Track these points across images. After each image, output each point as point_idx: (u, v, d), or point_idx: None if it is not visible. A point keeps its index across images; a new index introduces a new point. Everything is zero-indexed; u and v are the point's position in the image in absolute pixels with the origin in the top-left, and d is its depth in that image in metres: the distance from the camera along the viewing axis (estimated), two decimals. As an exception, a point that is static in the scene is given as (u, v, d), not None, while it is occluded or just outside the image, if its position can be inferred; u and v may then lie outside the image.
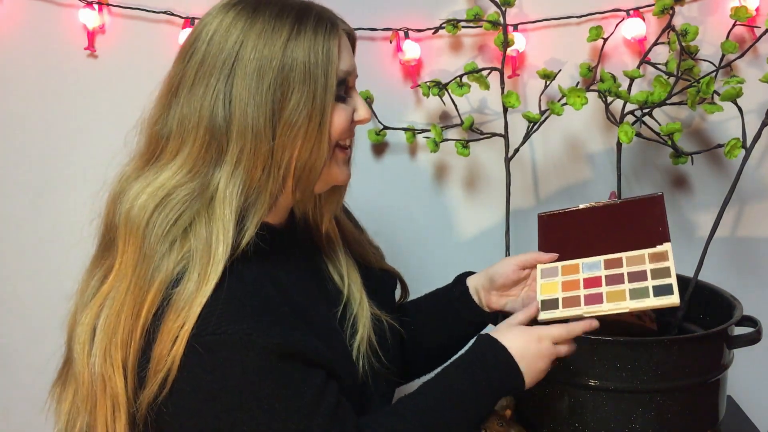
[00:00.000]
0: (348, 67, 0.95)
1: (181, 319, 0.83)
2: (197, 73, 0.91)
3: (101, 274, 0.94)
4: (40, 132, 1.51)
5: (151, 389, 0.84)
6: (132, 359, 0.86)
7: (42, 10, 1.47)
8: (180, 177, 0.90)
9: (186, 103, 0.91)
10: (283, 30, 0.90)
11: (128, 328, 0.86)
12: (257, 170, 0.90)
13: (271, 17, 0.91)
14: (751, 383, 1.47)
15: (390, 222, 1.53)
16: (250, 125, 0.89)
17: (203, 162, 0.90)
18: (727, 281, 1.28)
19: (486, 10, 1.38)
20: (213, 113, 0.89)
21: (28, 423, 1.58)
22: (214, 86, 0.90)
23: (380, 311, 1.07)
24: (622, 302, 1.02)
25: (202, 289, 0.84)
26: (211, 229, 0.88)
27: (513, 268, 1.13)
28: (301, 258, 1.03)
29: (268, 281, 0.91)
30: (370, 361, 1.01)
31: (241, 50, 0.90)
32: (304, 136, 0.91)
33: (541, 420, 1.09)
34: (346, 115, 0.95)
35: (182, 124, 0.91)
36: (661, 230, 1.08)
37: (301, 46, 0.90)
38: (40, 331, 1.53)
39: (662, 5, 1.31)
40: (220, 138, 0.90)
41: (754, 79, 1.25)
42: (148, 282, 0.86)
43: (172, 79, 0.94)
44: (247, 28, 0.90)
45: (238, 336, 0.83)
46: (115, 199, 0.93)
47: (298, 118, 0.90)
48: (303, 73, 0.90)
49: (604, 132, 1.49)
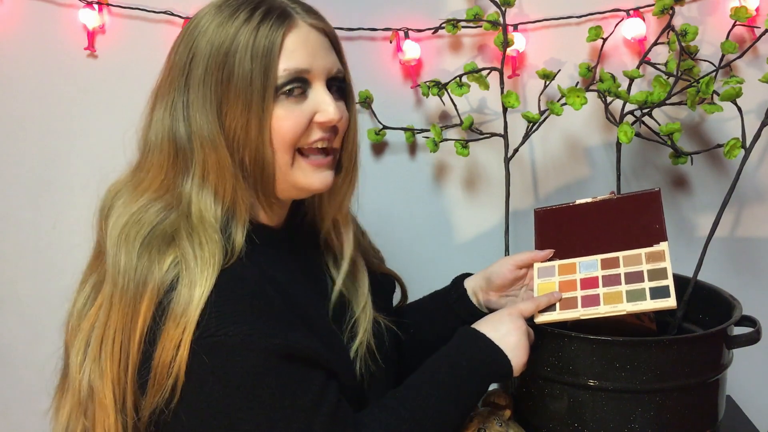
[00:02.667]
0: (301, 64, 0.90)
1: (181, 325, 0.83)
2: (167, 84, 0.92)
3: (95, 280, 0.94)
4: (40, 132, 1.51)
5: (155, 397, 0.84)
6: (131, 369, 0.86)
7: (42, 10, 1.47)
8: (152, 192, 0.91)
9: (158, 116, 0.92)
10: (228, 32, 0.89)
11: (121, 340, 0.86)
12: (223, 177, 0.90)
13: (224, 19, 0.89)
14: (750, 383, 1.47)
15: (390, 222, 1.53)
16: (205, 135, 0.89)
17: (174, 174, 0.91)
18: (726, 281, 1.27)
19: (486, 10, 1.38)
20: (174, 126, 0.90)
21: (28, 423, 1.58)
22: (173, 99, 0.91)
23: (379, 314, 1.06)
24: (619, 305, 1.02)
25: (197, 294, 0.84)
26: (193, 240, 0.87)
27: (510, 268, 1.13)
28: (302, 260, 1.03)
29: (268, 282, 0.91)
30: (367, 363, 1.01)
31: (193, 59, 0.90)
32: (246, 143, 0.89)
33: (540, 420, 1.09)
34: (300, 116, 0.91)
35: (156, 138, 0.92)
36: (658, 227, 1.08)
37: (242, 47, 0.88)
38: (40, 331, 1.53)
39: (662, 5, 1.31)
40: (184, 150, 0.90)
41: (754, 79, 1.25)
42: (135, 294, 0.86)
43: (155, 89, 0.95)
44: (199, 35, 0.90)
45: (239, 337, 0.83)
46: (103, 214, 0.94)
47: (237, 124, 0.89)
48: (241, 76, 0.88)
49: (604, 132, 1.49)
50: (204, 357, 0.83)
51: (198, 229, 0.88)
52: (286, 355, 0.86)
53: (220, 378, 0.83)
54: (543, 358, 1.06)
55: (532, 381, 1.09)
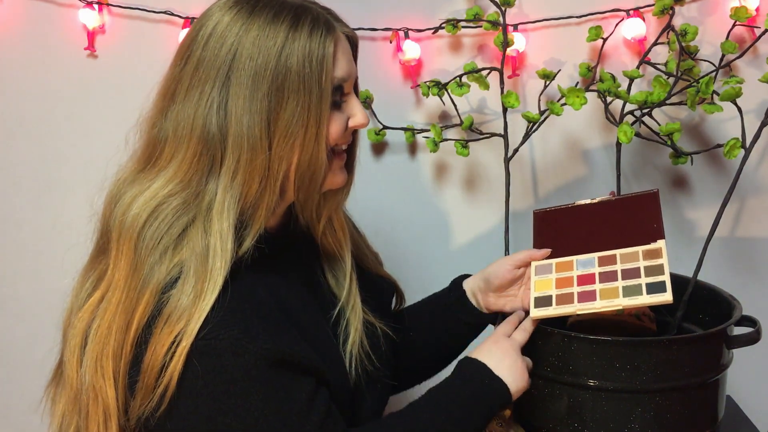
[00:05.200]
0: (344, 73, 0.93)
1: (176, 331, 0.82)
2: (192, 79, 0.90)
3: (95, 277, 0.93)
4: (40, 132, 1.51)
5: (145, 399, 0.83)
6: (123, 369, 0.85)
7: (42, 10, 1.47)
8: (172, 186, 0.89)
9: (181, 108, 0.90)
10: (277, 36, 0.88)
11: (119, 339, 0.86)
12: (254, 182, 0.89)
13: (267, 22, 0.89)
14: (750, 383, 1.47)
15: (389, 221, 1.53)
16: (245, 136, 0.87)
17: (196, 171, 0.89)
18: (726, 281, 1.27)
19: (486, 10, 1.38)
20: (207, 122, 0.88)
21: (28, 423, 1.58)
22: (208, 94, 0.88)
23: (374, 317, 1.06)
24: (615, 299, 1.02)
25: (200, 304, 0.83)
26: (207, 243, 0.86)
27: (508, 268, 1.13)
28: (296, 262, 1.02)
29: (261, 286, 0.91)
30: (363, 365, 1.00)
31: (236, 58, 0.88)
32: (301, 147, 0.90)
33: (540, 420, 1.09)
34: (341, 121, 0.94)
35: (177, 130, 0.90)
36: (655, 227, 1.08)
37: (295, 54, 0.88)
38: (40, 331, 1.53)
39: (662, 5, 1.31)
40: (214, 148, 0.88)
41: (754, 79, 1.25)
42: (139, 292, 0.85)
43: (168, 81, 0.93)
44: (242, 34, 0.89)
45: (228, 341, 0.82)
46: (111, 202, 0.93)
47: (294, 129, 0.89)
48: (297, 82, 0.88)
49: (604, 132, 1.49)
50: (194, 360, 0.82)
51: (212, 235, 0.87)
52: (277, 361, 0.85)
53: (208, 382, 0.83)
54: (543, 358, 1.06)
55: (532, 381, 1.09)
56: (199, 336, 0.82)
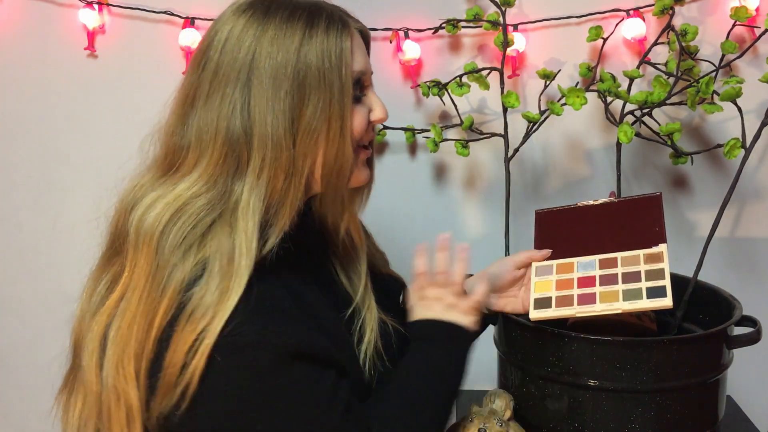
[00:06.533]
0: (362, 66, 0.94)
1: (200, 329, 0.82)
2: (212, 84, 0.90)
3: (109, 279, 0.93)
4: (40, 132, 1.51)
5: (165, 396, 0.83)
6: (144, 368, 0.85)
7: (42, 10, 1.47)
8: (197, 188, 0.89)
9: (203, 114, 0.90)
10: (294, 34, 0.89)
11: (141, 338, 0.85)
12: (279, 180, 0.89)
13: (282, 21, 0.90)
14: (750, 383, 1.47)
15: (390, 222, 1.53)
16: (269, 134, 0.88)
17: (221, 173, 0.89)
18: (726, 281, 1.27)
19: (486, 10, 1.38)
20: (230, 124, 0.88)
21: (28, 423, 1.58)
22: (230, 96, 0.89)
23: (386, 315, 1.07)
24: (615, 303, 1.02)
25: (225, 302, 0.83)
26: (233, 242, 0.87)
27: (508, 269, 1.13)
28: (312, 260, 1.03)
29: (280, 284, 0.91)
30: (375, 365, 1.01)
31: (255, 58, 0.89)
32: (325, 142, 0.90)
33: (540, 420, 1.09)
34: (363, 115, 0.95)
35: (200, 136, 0.90)
36: (657, 231, 1.08)
37: (314, 50, 0.89)
38: (40, 332, 1.53)
39: (662, 5, 1.31)
40: (239, 149, 0.89)
41: (754, 79, 1.25)
42: (161, 291, 0.85)
43: (187, 88, 0.93)
44: (259, 35, 0.89)
45: (251, 337, 0.83)
46: (127, 208, 0.92)
47: (317, 124, 0.89)
48: (318, 78, 0.89)
49: (604, 132, 1.49)
50: (216, 357, 0.82)
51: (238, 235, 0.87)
52: (298, 355, 0.85)
53: (232, 378, 0.83)
54: (543, 358, 1.06)
55: (532, 381, 1.09)
56: (223, 333, 0.82)
